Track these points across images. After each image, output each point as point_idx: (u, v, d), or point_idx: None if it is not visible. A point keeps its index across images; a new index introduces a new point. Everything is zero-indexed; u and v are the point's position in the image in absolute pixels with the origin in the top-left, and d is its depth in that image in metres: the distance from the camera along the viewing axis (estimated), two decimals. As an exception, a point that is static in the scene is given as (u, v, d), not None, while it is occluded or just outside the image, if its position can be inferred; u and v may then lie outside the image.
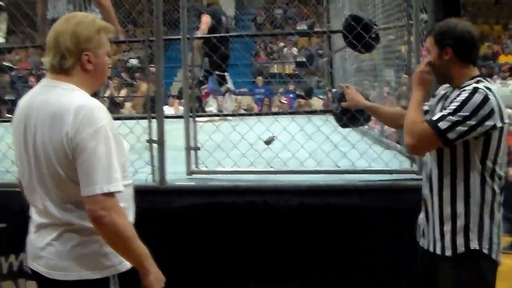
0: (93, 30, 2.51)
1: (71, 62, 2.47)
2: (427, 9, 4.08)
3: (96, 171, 2.32)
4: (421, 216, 3.16)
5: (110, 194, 2.33)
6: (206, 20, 8.58)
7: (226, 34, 8.19)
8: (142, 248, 2.42)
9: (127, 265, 2.51)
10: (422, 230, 3.15)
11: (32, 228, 2.60)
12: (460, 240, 2.92)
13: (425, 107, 3.23)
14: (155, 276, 2.48)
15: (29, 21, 6.82)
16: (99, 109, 2.41)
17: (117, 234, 2.34)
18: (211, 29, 8.26)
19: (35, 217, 2.57)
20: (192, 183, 4.35)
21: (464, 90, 2.88)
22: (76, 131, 2.33)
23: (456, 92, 2.95)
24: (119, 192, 2.37)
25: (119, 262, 2.49)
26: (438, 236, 3.00)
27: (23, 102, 2.57)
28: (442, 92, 3.16)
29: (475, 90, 2.84)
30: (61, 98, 2.42)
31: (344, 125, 4.46)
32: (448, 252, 2.96)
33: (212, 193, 4.21)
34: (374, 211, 4.04)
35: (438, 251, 3.00)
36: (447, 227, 2.95)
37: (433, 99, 3.24)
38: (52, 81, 2.50)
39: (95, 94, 2.72)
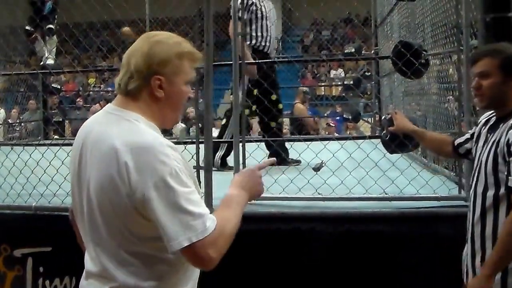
0: (173, 53, 2.14)
1: (137, 83, 2.12)
2: (478, 34, 4.04)
3: (169, 224, 1.96)
4: (468, 253, 3.04)
5: (198, 243, 1.97)
6: None
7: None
8: (238, 214, 2.15)
9: None
10: (466, 266, 3.05)
11: (84, 272, 2.22)
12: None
13: (467, 136, 3.30)
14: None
15: (76, 42, 6.95)
16: (164, 148, 2.02)
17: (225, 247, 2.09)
18: None
19: (86, 260, 2.21)
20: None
21: None
22: (138, 182, 1.98)
23: (503, 125, 2.89)
24: (205, 236, 1.98)
25: None
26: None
27: (83, 128, 2.21)
28: (484, 120, 3.13)
29: None
30: (120, 132, 2.06)
31: (392, 152, 4.44)
32: None
33: (258, 220, 4.20)
34: (422, 238, 4.00)
35: None
36: None
37: (476, 127, 3.23)
38: (117, 109, 2.15)
39: None
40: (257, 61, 6.24)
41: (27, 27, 9.15)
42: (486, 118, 3.11)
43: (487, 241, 2.87)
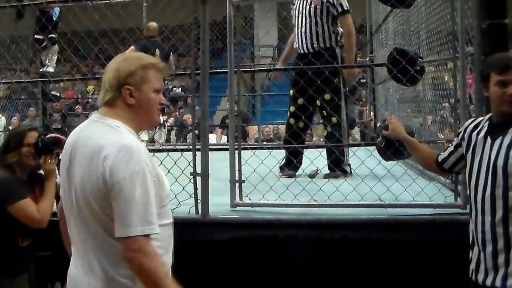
0: (137, 65, 2.53)
1: (111, 95, 2.52)
2: (473, 42, 4.06)
3: (131, 214, 2.32)
4: (479, 251, 3.07)
5: (143, 237, 2.33)
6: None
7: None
8: None
9: None
10: (485, 266, 3.05)
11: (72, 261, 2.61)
12: None
13: (450, 149, 3.37)
14: None
15: (75, 51, 6.97)
16: (139, 150, 2.40)
17: (147, 277, 2.34)
18: None
19: (73, 251, 2.59)
20: (233, 216, 4.37)
21: None
22: (112, 172, 2.34)
23: None
24: (152, 234, 2.36)
25: None
26: None
27: (72, 134, 2.58)
28: (472, 126, 3.20)
29: None
30: (103, 135, 2.44)
31: (388, 159, 4.46)
32: None
33: (254, 226, 4.21)
34: (417, 245, 4.00)
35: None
36: None
37: (459, 137, 3.30)
38: (99, 116, 2.54)
39: None
40: (253, 69, 6.28)
41: (37, 36, 9.20)
42: (474, 124, 3.20)
43: None
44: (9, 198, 3.74)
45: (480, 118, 3.21)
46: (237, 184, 4.55)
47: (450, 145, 3.42)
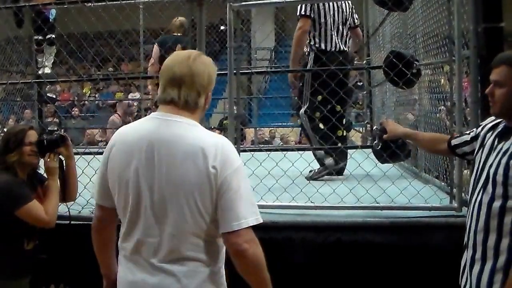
0: (215, 70, 2.65)
1: (203, 98, 2.58)
2: (470, 45, 4.06)
3: (241, 207, 2.41)
4: (468, 261, 2.95)
5: (251, 228, 2.42)
6: (154, 51, 8.54)
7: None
8: (269, 278, 2.52)
9: None
10: (465, 270, 2.96)
11: (143, 268, 2.53)
12: None
13: (465, 138, 3.24)
14: None
15: (71, 53, 6.96)
16: (233, 146, 2.53)
17: (258, 265, 2.46)
18: (161, 59, 7.53)
19: (144, 253, 2.53)
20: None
21: None
22: (221, 169, 2.40)
23: None
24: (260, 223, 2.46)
25: None
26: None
27: (139, 133, 2.55)
28: (490, 125, 3.03)
29: None
30: (194, 134, 2.48)
31: (384, 161, 4.46)
32: None
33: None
34: (412, 248, 4.02)
35: None
36: None
37: (477, 130, 3.15)
38: (173, 116, 2.53)
39: None
40: (250, 71, 6.27)
41: (35, 37, 9.18)
42: (493, 123, 3.02)
43: (488, 251, 2.78)
44: (16, 202, 3.72)
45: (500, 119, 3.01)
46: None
47: (467, 133, 3.28)
